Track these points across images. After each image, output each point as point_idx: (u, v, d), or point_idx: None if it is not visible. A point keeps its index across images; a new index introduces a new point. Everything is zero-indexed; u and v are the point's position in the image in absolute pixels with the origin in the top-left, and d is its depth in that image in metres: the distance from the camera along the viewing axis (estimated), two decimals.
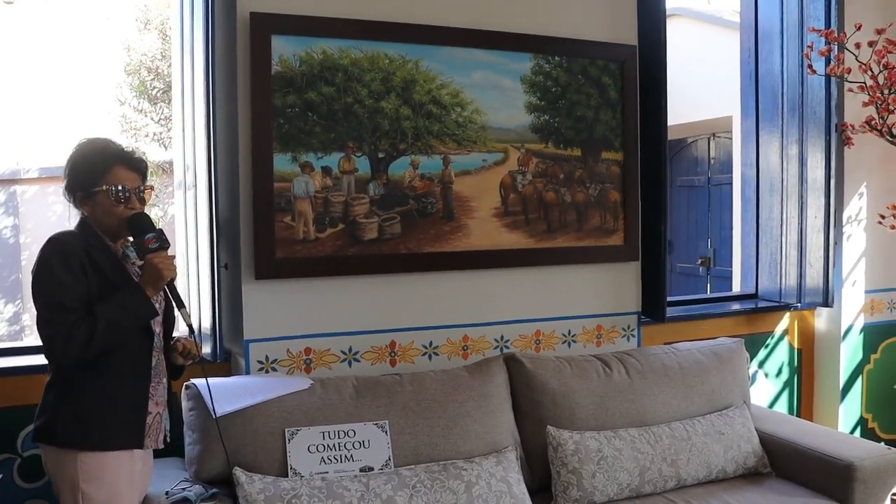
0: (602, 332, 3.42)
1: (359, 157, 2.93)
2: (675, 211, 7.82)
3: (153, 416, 2.22)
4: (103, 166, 2.15)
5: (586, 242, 3.34)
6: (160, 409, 2.25)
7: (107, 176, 2.15)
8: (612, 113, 3.36)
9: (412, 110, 2.99)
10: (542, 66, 3.22)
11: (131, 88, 8.55)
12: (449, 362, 3.12)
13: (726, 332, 3.75)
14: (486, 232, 3.15)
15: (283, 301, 2.86)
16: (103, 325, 2.03)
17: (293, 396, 2.62)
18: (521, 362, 2.98)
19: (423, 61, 3.00)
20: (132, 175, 2.18)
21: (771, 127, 4.00)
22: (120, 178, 2.16)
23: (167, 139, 8.44)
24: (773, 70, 3.96)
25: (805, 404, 4.08)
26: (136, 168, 2.20)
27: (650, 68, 3.37)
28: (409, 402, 2.73)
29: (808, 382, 4.09)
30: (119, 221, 2.16)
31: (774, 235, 4.01)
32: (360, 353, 3.00)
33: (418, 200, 3.03)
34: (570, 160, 3.30)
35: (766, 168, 4.04)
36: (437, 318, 3.11)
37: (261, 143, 2.78)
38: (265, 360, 2.86)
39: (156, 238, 2.13)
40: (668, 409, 3.07)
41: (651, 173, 3.41)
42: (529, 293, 3.27)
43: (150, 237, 2.13)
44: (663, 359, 3.19)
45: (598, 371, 3.06)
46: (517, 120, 3.18)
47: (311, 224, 2.87)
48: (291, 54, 2.82)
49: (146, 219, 2.18)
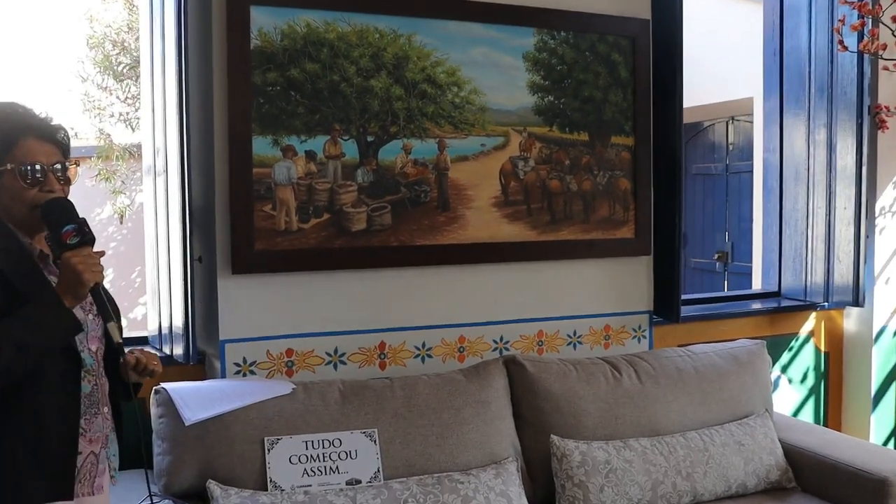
0: (610, 333, 3.44)
1: (346, 140, 2.93)
2: (690, 201, 7.83)
3: (86, 457, 1.94)
4: (8, 139, 1.84)
5: (594, 235, 3.35)
6: (97, 446, 1.97)
7: (13, 151, 1.84)
8: (623, 93, 3.37)
9: (404, 90, 3.00)
10: (547, 42, 3.22)
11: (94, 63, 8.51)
12: (444, 365, 3.13)
13: (746, 333, 3.76)
14: (485, 223, 3.16)
15: (262, 298, 2.87)
16: (8, 350, 1.71)
17: (273, 402, 2.62)
18: (523, 365, 2.99)
19: (417, 36, 3.00)
20: (47, 148, 1.87)
21: (796, 109, 4.01)
22: (30, 153, 1.84)
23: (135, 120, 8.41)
24: (800, 46, 3.97)
25: (833, 413, 4.10)
26: (51, 139, 1.89)
27: (664, 45, 3.38)
28: (401, 408, 2.74)
29: (837, 389, 4.11)
30: (31, 210, 1.85)
31: (799, 228, 4.02)
32: (347, 355, 3.01)
33: (411, 188, 3.04)
34: (577, 145, 3.31)
35: (791, 154, 4.06)
36: (430, 317, 3.12)
37: (238, 124, 2.78)
38: (243, 362, 2.86)
39: (76, 231, 1.82)
40: (683, 417, 3.08)
41: (665, 160, 3.42)
42: (531, 290, 3.28)
43: (68, 230, 1.82)
44: (677, 362, 3.21)
45: (607, 375, 3.07)
46: (519, 101, 3.19)
47: (293, 214, 2.87)
48: (272, 27, 2.82)
49: (66, 205, 1.86)
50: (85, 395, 1.93)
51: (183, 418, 2.48)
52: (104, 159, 8.51)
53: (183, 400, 2.52)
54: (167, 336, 2.91)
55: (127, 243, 9.08)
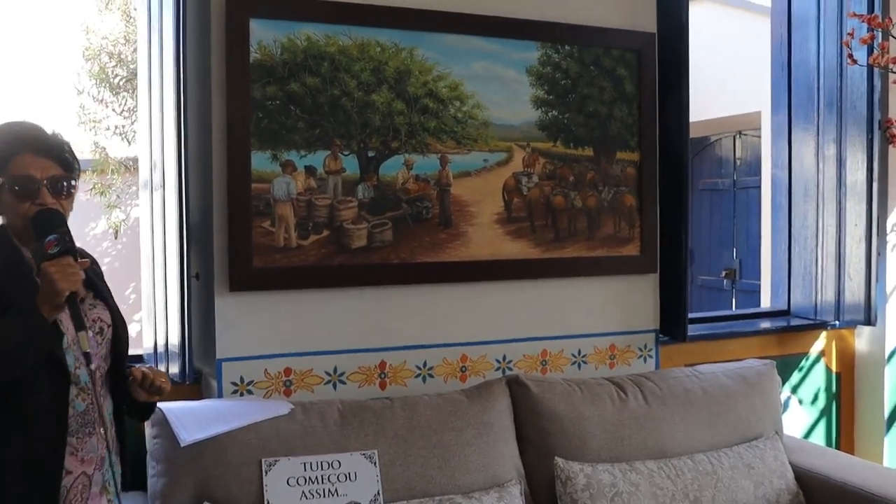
0: (616, 353, 3.43)
1: (346, 155, 2.94)
2: (697, 217, 7.84)
3: (76, 478, 1.94)
4: (4, 154, 1.92)
5: (599, 252, 3.35)
6: (89, 467, 1.97)
7: (8, 166, 1.91)
8: (628, 108, 3.38)
9: (406, 104, 3.01)
10: (551, 56, 3.24)
11: (90, 76, 8.56)
12: (445, 385, 3.12)
13: (755, 353, 3.76)
14: (488, 240, 3.16)
15: (260, 316, 2.87)
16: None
17: (271, 423, 2.62)
18: (526, 386, 2.99)
19: (419, 50, 3.02)
20: (42, 163, 1.93)
21: (805, 124, 4.02)
22: (23, 167, 1.91)
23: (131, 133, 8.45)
24: (809, 60, 3.98)
25: (845, 435, 4.08)
26: (48, 153, 1.94)
27: (671, 58, 3.39)
28: (401, 429, 2.73)
29: (849, 410, 4.10)
30: (25, 222, 1.92)
31: (809, 245, 4.02)
32: (347, 375, 3.00)
33: (412, 205, 3.04)
34: (581, 161, 3.31)
35: (800, 170, 4.06)
36: (432, 336, 3.11)
37: (237, 139, 2.79)
38: (240, 381, 2.86)
39: (56, 241, 1.85)
40: (691, 439, 3.08)
41: (671, 175, 3.43)
42: (535, 308, 3.28)
43: (49, 240, 1.86)
44: (685, 382, 3.20)
45: (612, 396, 3.07)
46: (522, 116, 3.20)
47: (292, 230, 2.88)
48: (272, 40, 2.83)
49: (53, 217, 1.91)
50: (78, 413, 1.95)
51: (178, 439, 2.47)
52: (99, 173, 8.55)
53: (178, 420, 2.51)
54: (163, 354, 2.91)
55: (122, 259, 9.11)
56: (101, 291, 2.10)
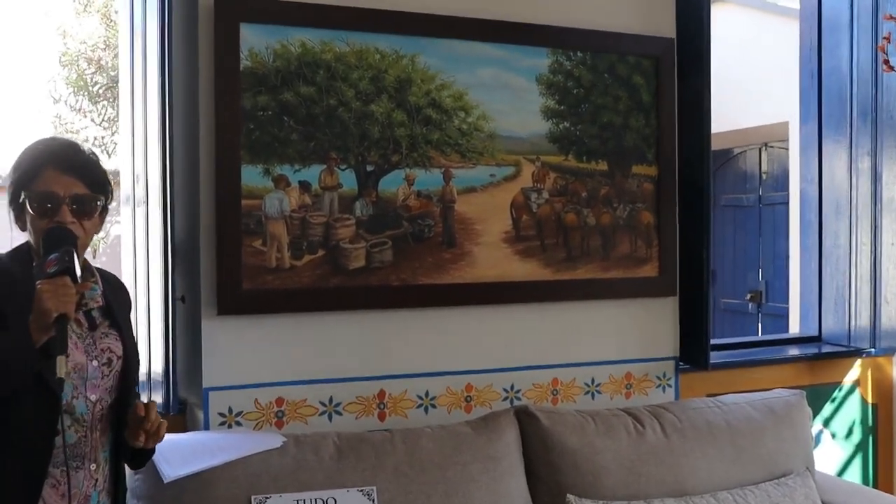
0: (632, 382, 3.44)
1: (343, 170, 2.96)
2: (719, 236, 7.85)
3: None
4: (32, 170, 1.98)
5: (613, 273, 3.36)
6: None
7: (35, 181, 1.97)
8: (645, 119, 3.40)
9: (407, 115, 3.03)
10: (562, 64, 3.26)
11: (68, 83, 8.60)
12: (449, 416, 3.13)
13: (783, 382, 3.75)
14: (495, 260, 3.18)
15: (250, 341, 2.88)
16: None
17: (262, 457, 2.62)
18: (536, 417, 2.99)
19: (421, 57, 3.04)
20: (66, 179, 1.97)
21: (837, 135, 4.04)
22: (45, 183, 1.97)
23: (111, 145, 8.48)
24: (841, 66, 4.01)
25: (883, 472, 4.07)
26: (74, 171, 1.99)
27: (691, 65, 3.41)
28: (402, 464, 2.74)
29: (887, 445, 4.09)
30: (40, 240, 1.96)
31: (841, 266, 4.03)
32: (343, 405, 3.01)
33: (414, 222, 3.06)
34: (595, 175, 3.33)
35: (831, 184, 4.08)
36: (435, 364, 3.12)
37: (226, 152, 2.81)
38: (228, 412, 2.87)
39: (56, 260, 1.87)
40: (714, 475, 3.08)
41: (691, 191, 3.44)
42: (545, 334, 3.29)
43: (50, 259, 1.87)
44: (707, 414, 3.20)
45: (629, 428, 3.07)
46: (531, 127, 3.22)
47: (285, 250, 2.89)
48: (264, 47, 2.86)
49: (60, 234, 1.94)
50: (68, 444, 1.95)
51: (161, 475, 2.48)
52: None
53: (161, 454, 2.51)
54: (145, 383, 2.91)
55: None
56: (117, 321, 2.13)
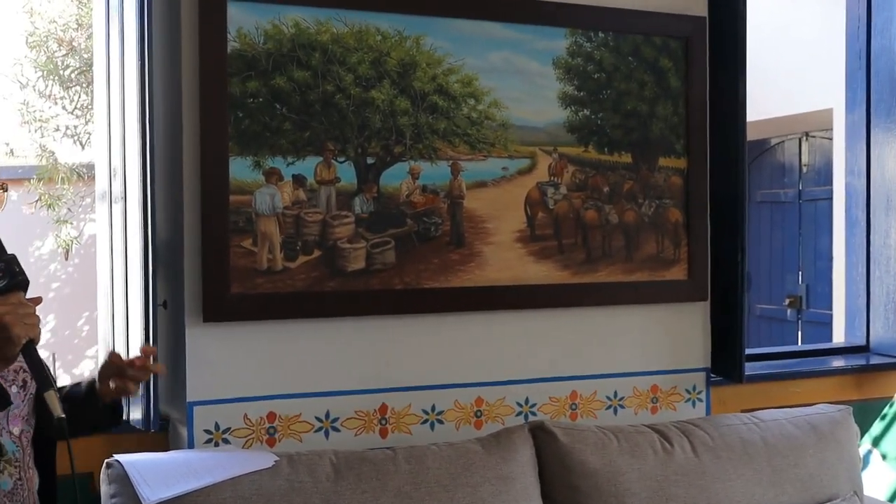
0: (659, 395, 3.45)
1: (341, 162, 2.97)
2: (754, 235, 7.84)
3: None
4: None
5: (638, 276, 3.37)
6: None
7: None
8: (674, 106, 3.40)
9: (411, 102, 3.04)
10: (582, 45, 3.27)
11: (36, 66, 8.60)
12: (457, 433, 3.14)
13: (827, 397, 3.75)
14: (507, 262, 3.19)
15: (239, 351, 2.89)
16: None
17: (251, 477, 2.63)
18: (553, 434, 3.00)
19: (426, 38, 3.05)
20: None
21: (888, 123, 4.04)
22: None
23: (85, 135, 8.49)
24: (892, 45, 4.00)
25: None
26: None
27: (724, 47, 3.42)
28: (405, 485, 2.74)
29: None
30: None
31: (892, 268, 4.03)
32: (341, 421, 3.02)
33: (418, 220, 3.07)
34: (618, 168, 3.34)
35: (881, 177, 4.08)
36: (441, 375, 3.14)
37: (213, 143, 2.82)
38: (215, 428, 2.88)
39: (3, 272, 1.72)
40: (750, 499, 3.08)
41: (724, 185, 3.45)
42: (563, 343, 3.30)
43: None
44: (741, 431, 3.21)
45: (655, 446, 3.07)
46: (548, 116, 3.23)
47: (277, 250, 2.91)
48: (254, 27, 2.87)
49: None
50: (5, 493, 1.87)
51: (141, 498, 2.48)
52: (46, 182, 8.56)
53: (141, 475, 2.52)
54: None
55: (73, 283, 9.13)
56: None
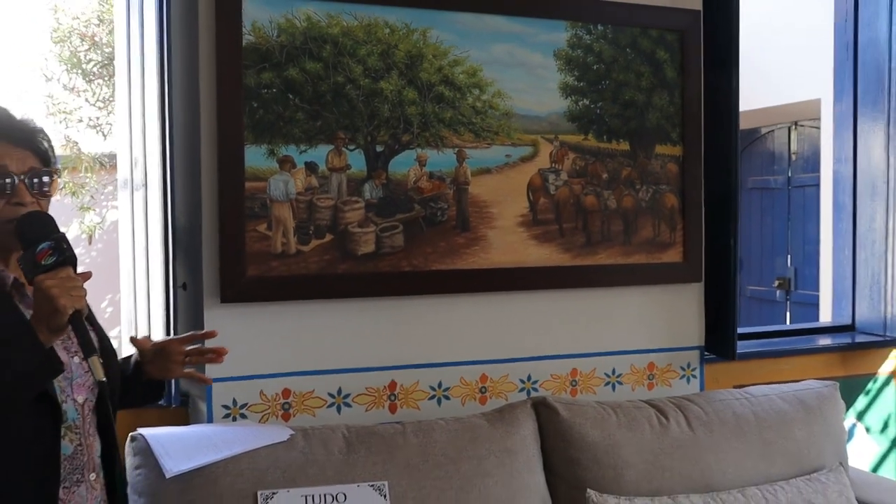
0: (655, 372, 3.45)
1: (352, 150, 2.97)
2: (746, 219, 7.83)
3: None
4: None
5: (635, 259, 3.37)
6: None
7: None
8: (670, 96, 3.39)
9: (418, 93, 3.03)
10: (582, 38, 3.26)
11: (60, 61, 8.60)
12: (463, 408, 3.14)
13: (814, 374, 3.75)
14: (510, 245, 3.19)
15: (255, 330, 2.89)
16: None
17: (268, 451, 2.63)
18: (554, 409, 3.00)
19: (433, 31, 3.05)
20: (19, 153, 1.83)
21: (874, 112, 4.02)
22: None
23: (107, 126, 8.49)
24: (878, 38, 3.98)
25: None
26: (26, 144, 1.86)
27: (718, 39, 3.40)
28: (414, 458, 2.75)
29: None
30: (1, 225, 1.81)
31: (877, 251, 4.02)
32: (353, 397, 3.03)
33: (426, 205, 3.07)
34: (616, 156, 3.33)
35: (867, 165, 4.06)
36: (448, 353, 3.14)
37: (229, 132, 2.81)
38: (232, 404, 2.89)
39: (52, 249, 1.75)
40: (741, 471, 3.08)
41: (718, 172, 3.44)
42: (564, 322, 3.29)
43: (43, 248, 1.74)
44: (734, 406, 3.21)
45: (652, 421, 3.08)
46: (549, 105, 3.22)
47: (291, 234, 2.91)
48: (268, 21, 2.86)
49: (44, 220, 1.81)
50: (66, 457, 1.88)
51: (164, 470, 2.49)
52: (71, 171, 8.57)
53: (163, 448, 2.53)
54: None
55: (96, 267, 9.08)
56: None
